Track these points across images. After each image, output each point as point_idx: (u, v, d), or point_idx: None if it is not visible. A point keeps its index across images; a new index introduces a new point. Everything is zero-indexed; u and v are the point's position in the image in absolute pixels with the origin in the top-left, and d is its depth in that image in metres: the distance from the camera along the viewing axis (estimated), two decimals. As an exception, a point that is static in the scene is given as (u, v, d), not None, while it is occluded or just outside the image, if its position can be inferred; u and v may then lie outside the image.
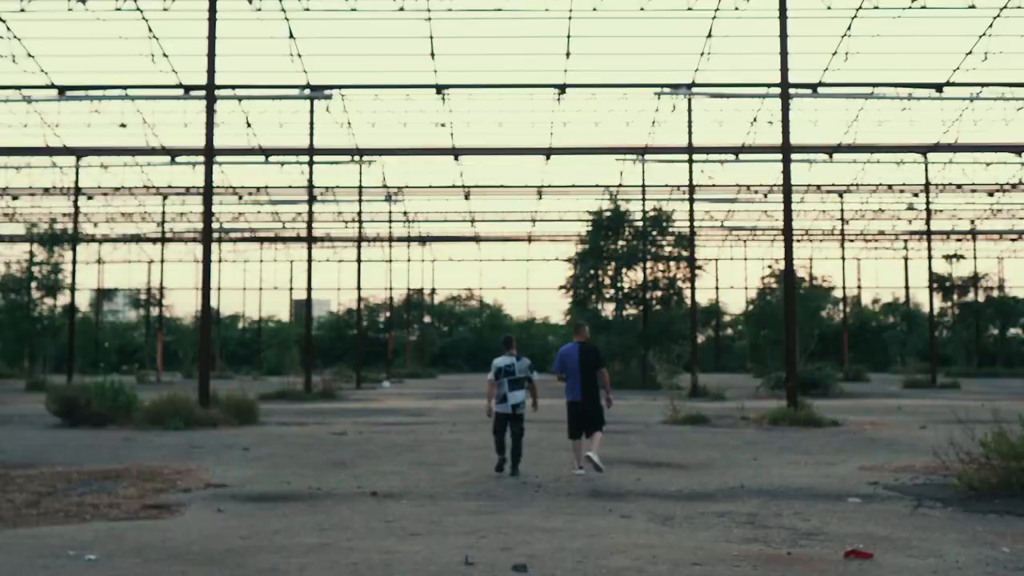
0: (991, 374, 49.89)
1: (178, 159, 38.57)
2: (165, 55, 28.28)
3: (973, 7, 23.31)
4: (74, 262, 38.03)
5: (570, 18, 26.90)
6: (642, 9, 23.35)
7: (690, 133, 31.08)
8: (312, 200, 31.78)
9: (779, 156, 20.34)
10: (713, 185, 45.05)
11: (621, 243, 38.55)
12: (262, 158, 38.75)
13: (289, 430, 17.21)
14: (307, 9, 22.63)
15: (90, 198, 45.90)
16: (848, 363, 48.73)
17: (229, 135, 35.44)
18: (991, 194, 47.32)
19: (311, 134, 30.99)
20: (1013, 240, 61.93)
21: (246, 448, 13.87)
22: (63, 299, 39.47)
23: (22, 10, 21.87)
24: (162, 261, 50.74)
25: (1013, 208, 52.88)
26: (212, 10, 20.10)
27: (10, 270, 39.92)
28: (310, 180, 31.30)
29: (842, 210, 49.17)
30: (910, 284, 64.25)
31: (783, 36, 20.53)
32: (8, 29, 27.01)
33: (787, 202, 20.13)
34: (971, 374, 50.17)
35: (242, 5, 23.79)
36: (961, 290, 58.11)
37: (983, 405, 19.43)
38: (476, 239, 62.27)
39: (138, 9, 24.34)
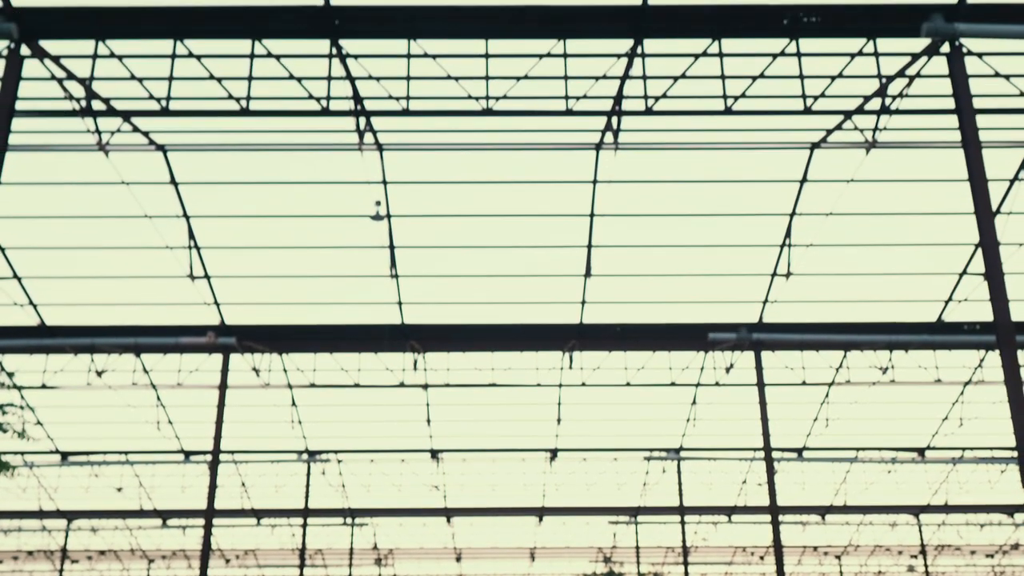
0: None
1: (169, 522, 38.44)
2: (170, 422, 29.33)
3: (939, 381, 24.79)
4: (50, 631, 36.62)
5: (560, 386, 28.29)
6: (628, 383, 24.80)
7: (681, 495, 31.55)
8: (303, 564, 31.35)
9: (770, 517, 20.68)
10: (708, 546, 44.66)
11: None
12: (254, 520, 38.64)
13: None
14: (312, 384, 23.97)
15: (75, 562, 45.02)
16: None
17: (223, 497, 35.77)
18: (991, 555, 46.75)
19: (307, 496, 31.37)
20: (1021, 603, 60.10)
21: None
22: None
23: (43, 385, 23.12)
24: (140, 628, 48.62)
25: (1016, 570, 51.96)
26: (223, 385, 21.29)
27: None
28: (303, 541, 31.14)
29: (841, 572, 48.25)
30: (922, 651, 61.32)
31: (763, 405, 21.64)
32: (22, 397, 28.25)
33: (779, 564, 20.14)
34: None
35: (249, 378, 25.20)
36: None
37: None
38: (468, 603, 60.21)
39: (151, 383, 25.69)
